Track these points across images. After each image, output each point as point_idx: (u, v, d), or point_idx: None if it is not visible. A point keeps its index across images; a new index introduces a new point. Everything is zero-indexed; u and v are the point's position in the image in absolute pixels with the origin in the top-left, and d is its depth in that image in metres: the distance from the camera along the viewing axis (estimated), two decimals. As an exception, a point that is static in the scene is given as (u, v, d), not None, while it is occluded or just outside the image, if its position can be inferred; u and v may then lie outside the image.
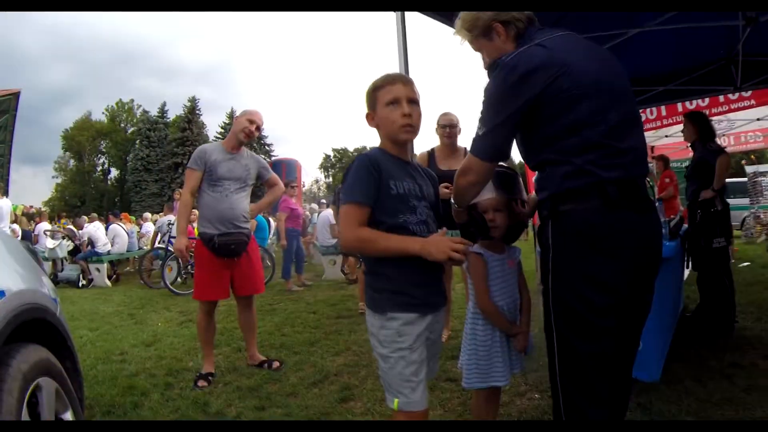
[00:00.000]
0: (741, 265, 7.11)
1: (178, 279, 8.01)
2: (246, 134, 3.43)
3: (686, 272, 5.29)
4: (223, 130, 44.20)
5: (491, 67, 1.63)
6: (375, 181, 1.62)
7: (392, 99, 1.67)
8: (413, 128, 1.70)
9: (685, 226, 4.29)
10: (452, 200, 1.91)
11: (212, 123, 45.67)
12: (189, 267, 7.99)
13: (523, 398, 2.76)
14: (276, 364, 3.55)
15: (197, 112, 44.78)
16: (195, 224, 10.36)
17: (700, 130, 4.10)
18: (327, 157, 60.96)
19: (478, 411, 2.20)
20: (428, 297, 1.68)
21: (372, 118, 1.76)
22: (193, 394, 3.04)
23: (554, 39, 1.51)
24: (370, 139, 43.04)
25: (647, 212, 1.55)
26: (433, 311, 1.73)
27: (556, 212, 1.52)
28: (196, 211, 11.94)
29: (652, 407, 2.55)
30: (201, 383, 3.21)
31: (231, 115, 42.89)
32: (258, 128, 3.50)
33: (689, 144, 4.32)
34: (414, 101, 1.70)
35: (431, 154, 3.93)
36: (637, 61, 4.62)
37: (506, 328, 2.04)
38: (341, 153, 59.94)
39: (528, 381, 2.94)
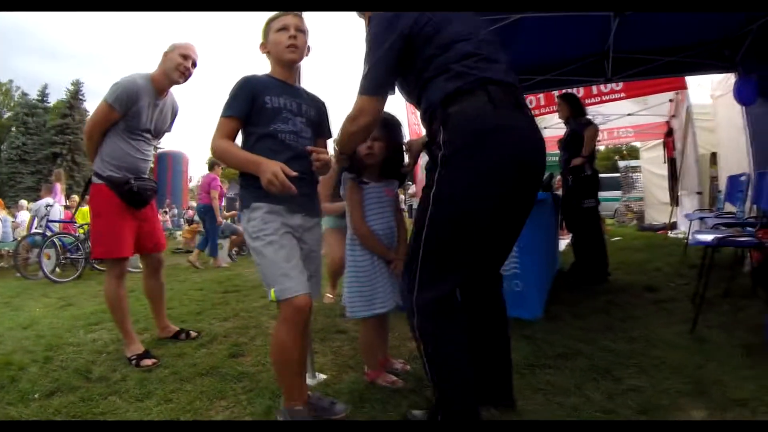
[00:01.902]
0: (614, 239, 7.99)
1: (57, 268, 7.33)
2: (181, 72, 2.86)
3: (563, 243, 5.84)
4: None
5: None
6: (247, 98, 1.85)
7: (282, 26, 1.93)
8: (297, 49, 1.95)
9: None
10: (336, 147, 2.02)
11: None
12: (68, 254, 7.39)
13: (413, 342, 2.89)
14: (194, 333, 3.29)
15: (80, 97, 40.84)
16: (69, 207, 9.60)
17: (572, 107, 4.60)
18: (216, 151, 57.57)
19: (367, 343, 2.29)
20: (294, 197, 1.77)
21: (264, 46, 1.99)
22: (74, 364, 2.84)
23: None
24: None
25: (529, 117, 1.71)
26: (301, 212, 1.90)
27: (446, 115, 1.60)
28: (76, 197, 10.88)
29: (536, 337, 2.81)
30: (145, 362, 2.75)
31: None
32: (194, 64, 2.92)
33: (563, 121, 4.77)
34: (301, 30, 1.95)
35: None
36: (520, 50, 4.96)
37: (383, 251, 2.16)
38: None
39: (418, 328, 3.09)
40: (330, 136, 2.14)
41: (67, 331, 3.68)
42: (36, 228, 8.02)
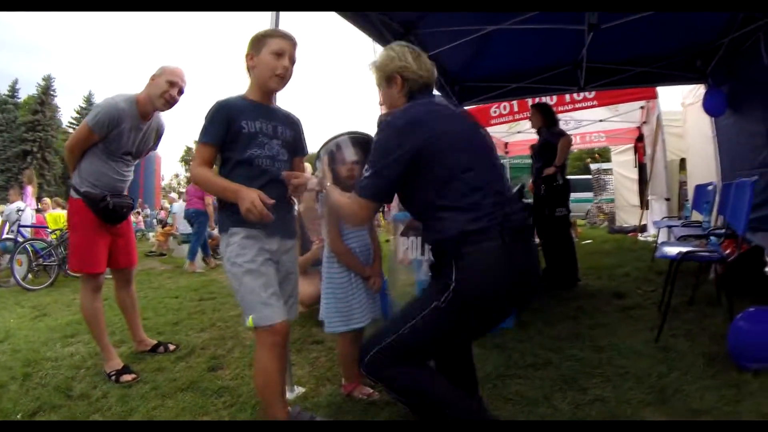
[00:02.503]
0: (584, 242, 8.17)
1: (29, 275, 7.17)
2: (166, 100, 2.79)
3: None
4: (78, 115, 40.05)
5: (381, 121, 1.79)
6: (222, 123, 1.85)
7: (280, 50, 1.89)
8: (284, 81, 1.95)
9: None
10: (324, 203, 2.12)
11: (67, 106, 40.91)
12: (41, 260, 7.25)
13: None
14: (172, 346, 3.28)
15: (51, 93, 39.98)
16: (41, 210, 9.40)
17: (545, 117, 4.73)
18: (189, 149, 54.66)
19: (345, 356, 2.38)
20: (270, 221, 1.80)
21: (251, 59, 1.93)
22: (54, 381, 2.81)
23: (431, 103, 1.81)
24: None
25: (528, 240, 1.76)
26: (278, 235, 1.92)
27: (460, 254, 1.58)
28: (47, 200, 10.61)
29: (507, 346, 2.90)
30: (125, 377, 2.74)
31: (88, 99, 38.94)
32: (181, 92, 2.84)
33: (536, 130, 4.90)
34: (293, 61, 1.94)
35: None
36: (495, 59, 5.10)
37: (359, 269, 2.25)
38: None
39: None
40: (306, 154, 2.19)
41: (43, 344, 3.63)
42: (7, 233, 7.82)
